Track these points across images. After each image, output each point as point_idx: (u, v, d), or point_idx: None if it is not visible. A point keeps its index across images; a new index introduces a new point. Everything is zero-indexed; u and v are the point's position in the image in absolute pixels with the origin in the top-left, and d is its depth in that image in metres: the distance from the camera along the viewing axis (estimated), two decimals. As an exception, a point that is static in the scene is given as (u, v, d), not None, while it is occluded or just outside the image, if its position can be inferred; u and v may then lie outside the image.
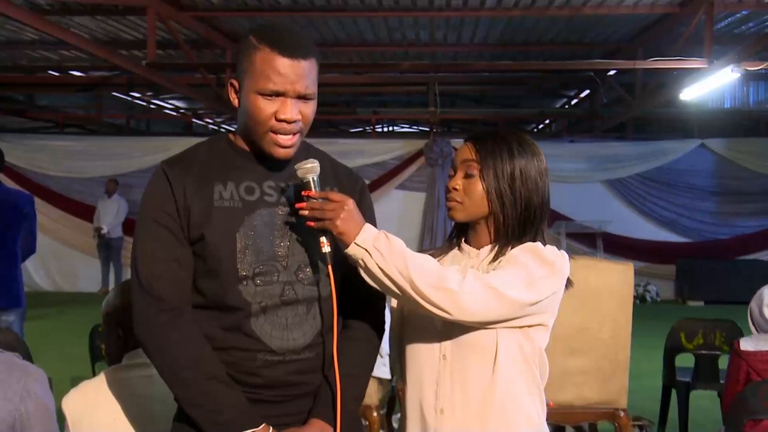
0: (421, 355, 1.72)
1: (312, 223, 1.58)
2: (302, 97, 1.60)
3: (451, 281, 1.56)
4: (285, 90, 1.58)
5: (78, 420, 2.07)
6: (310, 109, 1.63)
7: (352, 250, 1.56)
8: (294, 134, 1.62)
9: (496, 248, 1.71)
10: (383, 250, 1.55)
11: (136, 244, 1.65)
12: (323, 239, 1.60)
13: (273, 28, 1.63)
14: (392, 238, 1.58)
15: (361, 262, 1.57)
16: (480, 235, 1.75)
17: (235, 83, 1.64)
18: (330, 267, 1.60)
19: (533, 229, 1.71)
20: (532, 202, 1.71)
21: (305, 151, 1.71)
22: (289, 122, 1.59)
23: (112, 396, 2.06)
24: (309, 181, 1.60)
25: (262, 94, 1.58)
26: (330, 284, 1.62)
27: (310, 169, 1.61)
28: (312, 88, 1.61)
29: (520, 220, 1.70)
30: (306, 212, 1.58)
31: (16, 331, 4.06)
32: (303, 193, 1.60)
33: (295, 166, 1.62)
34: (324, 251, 1.60)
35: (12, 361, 1.68)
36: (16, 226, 4.25)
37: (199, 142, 1.76)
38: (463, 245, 1.79)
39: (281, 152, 1.63)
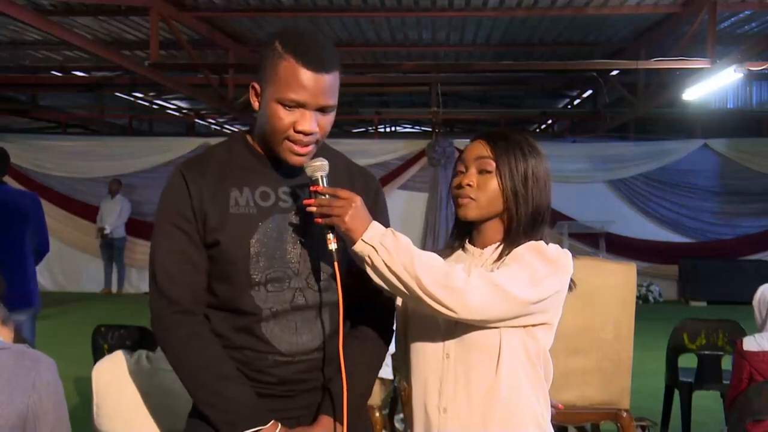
0: (425, 354, 1.72)
1: (319, 220, 1.58)
2: (322, 110, 1.62)
3: (458, 279, 1.55)
4: (306, 102, 1.59)
5: (104, 393, 2.10)
6: (328, 120, 1.65)
7: (359, 246, 1.56)
8: (310, 144, 1.63)
9: (502, 247, 1.71)
10: (390, 247, 1.55)
11: (154, 246, 1.67)
12: (330, 236, 1.60)
13: (299, 36, 1.62)
14: (399, 235, 1.58)
15: (367, 258, 1.57)
16: (486, 235, 1.74)
17: (257, 87, 1.65)
18: (336, 263, 1.61)
19: (540, 230, 1.72)
20: (542, 204, 1.72)
21: (320, 151, 1.71)
22: (306, 134, 1.61)
23: (141, 380, 2.09)
24: (317, 179, 1.61)
25: (283, 104, 1.59)
26: (336, 283, 1.62)
27: (318, 167, 1.61)
28: (333, 101, 1.63)
29: (530, 220, 1.70)
30: (314, 208, 1.58)
31: (26, 330, 4.10)
32: (311, 188, 1.60)
33: (304, 165, 1.63)
34: (330, 248, 1.60)
35: (23, 351, 1.73)
36: (20, 227, 4.25)
37: (217, 143, 1.78)
38: (467, 246, 1.78)
39: (296, 159, 1.64)
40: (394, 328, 1.87)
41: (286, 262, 1.66)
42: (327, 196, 1.58)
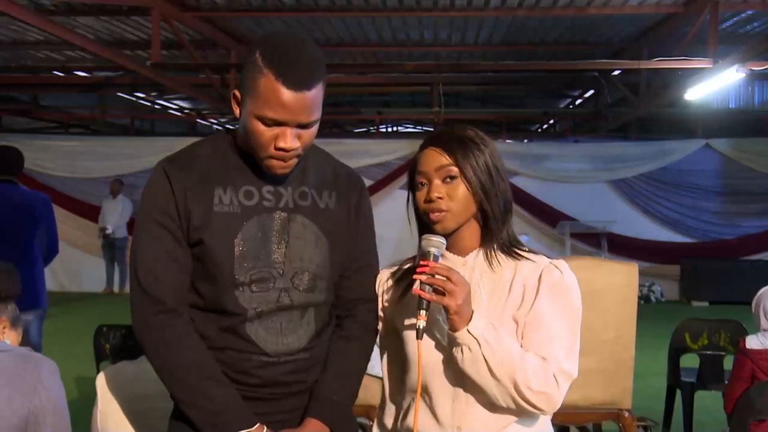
0: (434, 374, 1.65)
1: (424, 294, 1.53)
2: (303, 126, 1.58)
3: (551, 385, 1.56)
4: (286, 121, 1.55)
5: (108, 399, 2.10)
6: (310, 133, 1.60)
7: (462, 335, 1.53)
8: (292, 159, 1.61)
9: (484, 250, 1.68)
10: (493, 343, 1.53)
11: (137, 244, 1.64)
12: (423, 312, 1.54)
13: (281, 49, 1.55)
14: (501, 332, 1.57)
15: (466, 348, 1.54)
16: (464, 241, 1.69)
17: (238, 95, 1.61)
18: (420, 342, 1.56)
19: (510, 218, 1.70)
20: (508, 191, 1.69)
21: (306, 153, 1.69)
22: (287, 151, 1.57)
23: (144, 386, 2.09)
24: (431, 254, 1.58)
25: (262, 121, 1.55)
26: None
27: (436, 244, 1.59)
28: (314, 116, 1.58)
29: (502, 212, 1.67)
30: (423, 278, 1.53)
31: (33, 330, 4.12)
32: (423, 261, 1.56)
33: (423, 237, 1.61)
34: (419, 325, 1.54)
35: (26, 355, 1.73)
36: (30, 228, 4.27)
37: (199, 141, 1.74)
38: (447, 254, 1.70)
39: (280, 172, 1.63)
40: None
41: (271, 262, 1.63)
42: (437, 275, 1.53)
